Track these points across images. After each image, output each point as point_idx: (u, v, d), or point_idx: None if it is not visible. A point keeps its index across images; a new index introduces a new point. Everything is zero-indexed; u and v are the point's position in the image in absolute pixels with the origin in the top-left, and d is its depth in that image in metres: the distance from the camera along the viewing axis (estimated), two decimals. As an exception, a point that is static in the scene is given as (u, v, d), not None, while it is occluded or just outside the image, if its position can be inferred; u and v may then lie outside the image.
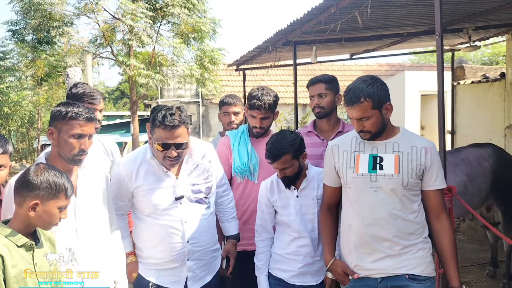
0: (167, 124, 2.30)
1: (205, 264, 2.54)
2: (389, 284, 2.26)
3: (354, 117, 2.23)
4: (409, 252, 2.24)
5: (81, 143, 2.16)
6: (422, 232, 2.29)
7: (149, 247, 2.50)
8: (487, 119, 6.97)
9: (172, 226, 2.44)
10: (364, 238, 2.26)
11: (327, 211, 2.50)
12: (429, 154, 2.24)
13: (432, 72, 12.17)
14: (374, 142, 2.30)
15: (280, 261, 2.63)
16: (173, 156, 2.36)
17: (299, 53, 6.41)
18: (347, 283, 2.36)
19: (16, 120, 11.62)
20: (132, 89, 11.05)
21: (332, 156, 2.40)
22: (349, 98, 2.22)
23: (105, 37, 10.49)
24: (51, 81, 11.66)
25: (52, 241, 2.02)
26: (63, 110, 2.16)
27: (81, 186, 2.25)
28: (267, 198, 2.66)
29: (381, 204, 2.22)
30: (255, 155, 3.01)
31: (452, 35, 5.98)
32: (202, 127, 15.16)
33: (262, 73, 14.50)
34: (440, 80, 2.90)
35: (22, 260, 1.81)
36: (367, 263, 2.28)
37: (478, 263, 5.26)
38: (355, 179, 2.28)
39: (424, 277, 2.25)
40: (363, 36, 5.82)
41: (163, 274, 2.48)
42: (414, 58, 22.58)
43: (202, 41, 11.16)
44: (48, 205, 1.86)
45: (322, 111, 3.01)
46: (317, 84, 3.03)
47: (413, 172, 2.22)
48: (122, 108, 28.00)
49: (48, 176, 1.86)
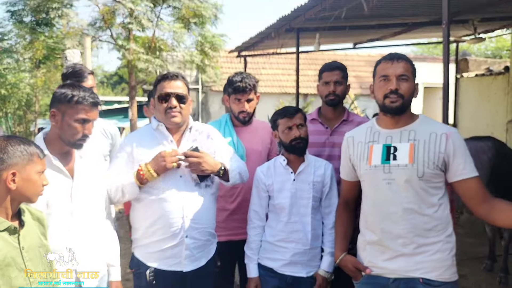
0: (168, 76, 2.47)
1: (201, 245, 2.48)
2: (401, 286, 2.12)
3: (395, 73, 2.07)
4: (426, 253, 2.07)
5: (85, 128, 2.13)
6: (444, 229, 2.10)
7: (146, 226, 2.44)
8: (490, 112, 6.93)
9: (170, 201, 2.39)
10: (377, 235, 2.15)
11: (344, 206, 2.42)
12: (451, 140, 2.05)
13: (435, 65, 12.10)
14: (389, 131, 2.16)
15: (270, 249, 2.59)
16: (174, 106, 2.41)
17: (302, 41, 6.34)
18: (359, 278, 2.25)
19: (13, 102, 11.52)
20: (131, 73, 10.94)
21: (348, 148, 2.31)
22: (393, 55, 2.13)
23: (104, 20, 10.35)
24: (49, 63, 11.53)
25: (41, 220, 1.93)
26: (69, 93, 2.11)
27: (78, 169, 2.21)
28: (263, 182, 2.63)
29: (394, 197, 2.08)
30: (242, 145, 2.95)
31: (457, 26, 5.90)
32: (201, 114, 15.09)
33: (263, 61, 14.42)
34: (446, 69, 2.84)
35: (7, 244, 1.71)
36: (380, 261, 2.16)
37: (475, 256, 5.24)
38: (368, 171, 2.17)
39: (439, 282, 2.06)
40: (368, 24, 5.74)
41: (163, 256, 2.42)
42: (418, 50, 22.52)
43: (203, 27, 11.02)
44: (27, 172, 1.76)
45: (336, 99, 2.93)
46: (335, 70, 2.93)
47: (430, 161, 2.05)
48: (120, 93, 27.90)
49: (14, 143, 1.76)
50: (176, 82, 2.46)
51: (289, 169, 2.59)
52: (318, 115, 3.03)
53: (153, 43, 10.77)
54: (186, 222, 2.41)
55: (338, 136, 2.85)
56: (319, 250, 2.59)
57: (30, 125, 12.72)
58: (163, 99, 2.44)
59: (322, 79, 2.96)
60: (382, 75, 2.12)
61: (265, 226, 2.65)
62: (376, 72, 2.18)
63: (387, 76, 2.10)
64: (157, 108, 2.49)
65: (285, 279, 2.56)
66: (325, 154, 2.86)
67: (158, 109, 2.48)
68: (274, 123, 2.64)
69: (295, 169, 2.59)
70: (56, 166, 2.13)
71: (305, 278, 2.55)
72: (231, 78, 2.96)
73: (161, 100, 2.45)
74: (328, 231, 2.57)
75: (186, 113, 2.50)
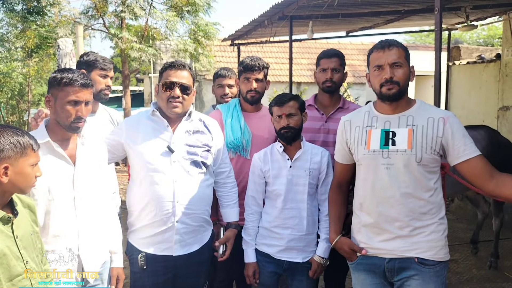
0: (175, 64, 2.47)
1: (193, 231, 2.50)
2: (396, 266, 2.16)
3: (388, 61, 2.09)
4: (421, 234, 2.12)
5: (77, 109, 2.11)
6: (438, 212, 2.15)
7: (139, 210, 2.46)
8: (481, 100, 6.99)
9: (161, 185, 2.40)
10: (374, 218, 2.18)
11: (337, 188, 2.44)
12: (448, 124, 2.08)
13: (427, 53, 12.14)
14: (387, 116, 2.18)
15: (266, 236, 2.63)
16: (177, 95, 2.42)
17: (295, 29, 6.34)
18: (354, 259, 2.29)
19: (6, 92, 11.44)
20: (124, 62, 10.88)
21: (344, 132, 2.32)
22: (384, 42, 2.13)
23: (97, 8, 10.26)
24: (42, 52, 11.45)
25: (32, 207, 1.93)
26: (58, 76, 2.11)
27: (80, 156, 2.21)
28: (260, 168, 2.65)
29: (393, 182, 2.11)
30: (248, 130, 2.97)
31: (449, 13, 5.93)
32: (195, 103, 15.05)
33: (256, 49, 14.37)
34: (438, 56, 2.87)
35: (1, 234, 1.72)
36: (376, 243, 2.20)
37: (466, 242, 5.32)
38: (366, 156, 2.18)
39: (434, 262, 2.12)
40: (360, 12, 5.75)
41: (155, 241, 2.44)
42: (410, 39, 22.54)
43: (196, 15, 10.96)
44: (19, 165, 1.75)
45: (333, 86, 2.94)
46: (333, 57, 2.94)
47: (428, 146, 2.08)
48: (114, 82, 27.68)
49: (8, 136, 1.74)
50: (182, 72, 2.46)
51: (286, 156, 2.61)
52: (314, 102, 3.05)
53: (146, 32, 10.71)
54: (177, 207, 2.42)
55: (333, 123, 2.88)
56: (315, 236, 2.62)
57: (24, 115, 12.64)
58: (167, 87, 2.44)
59: (320, 65, 2.97)
60: (375, 65, 2.15)
61: (262, 212, 2.68)
62: (370, 61, 2.21)
63: (380, 65, 2.13)
64: (159, 95, 2.49)
65: (282, 265, 2.60)
66: (320, 140, 2.89)
67: (160, 96, 2.48)
68: (270, 110, 2.67)
69: (291, 156, 2.61)
70: (58, 152, 2.14)
71: (301, 263, 2.59)
72: (242, 60, 3.02)
73: (165, 88, 2.45)
74: (324, 217, 2.60)
75: (188, 104, 2.51)
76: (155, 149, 2.43)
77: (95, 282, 2.23)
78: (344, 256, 2.37)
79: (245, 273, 2.65)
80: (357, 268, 2.30)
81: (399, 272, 2.17)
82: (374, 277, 2.24)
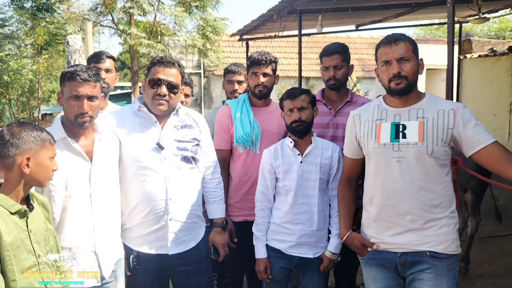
0: (164, 61, 2.38)
1: (187, 228, 2.46)
2: (408, 260, 2.15)
3: (395, 56, 2.08)
4: (433, 228, 2.11)
5: (79, 104, 2.09)
6: (449, 205, 2.13)
7: (130, 208, 2.39)
8: (493, 93, 6.89)
9: (153, 183, 2.36)
10: (384, 211, 2.16)
11: (346, 183, 2.42)
12: (458, 115, 2.06)
13: (438, 47, 12.02)
14: (397, 110, 2.17)
15: (277, 231, 2.61)
16: (163, 94, 2.36)
17: (304, 23, 6.30)
18: (365, 254, 2.28)
19: (16, 88, 11.53)
20: (133, 59, 10.92)
21: (354, 126, 2.30)
22: (390, 37, 2.13)
23: (105, 4, 10.30)
24: (51, 49, 11.52)
25: (46, 205, 1.96)
26: (64, 72, 2.13)
27: (97, 152, 2.20)
28: (270, 164, 2.63)
29: (404, 175, 2.10)
30: (257, 125, 2.95)
31: (461, 6, 5.85)
32: (203, 99, 15.06)
33: (265, 44, 14.33)
34: (451, 49, 2.83)
35: (16, 227, 1.76)
36: (387, 237, 2.18)
37: (477, 237, 5.26)
38: (377, 149, 2.17)
39: (446, 255, 2.11)
40: (370, 5, 5.69)
41: (148, 240, 2.40)
42: (420, 32, 22.32)
43: (205, 10, 10.96)
44: (39, 157, 1.81)
45: (337, 84, 2.92)
46: (334, 55, 2.91)
47: (438, 138, 2.07)
48: (122, 79, 27.82)
49: (28, 130, 1.82)
50: (171, 69, 2.38)
51: (296, 151, 2.59)
52: (322, 96, 3.03)
53: (154, 28, 10.73)
54: (170, 205, 2.38)
55: (342, 117, 2.86)
56: (326, 231, 2.61)
57: (34, 111, 12.74)
58: (154, 84, 2.36)
59: (322, 63, 2.96)
60: (383, 61, 2.14)
61: (272, 208, 2.67)
62: (377, 57, 2.20)
63: (388, 61, 2.12)
64: (145, 91, 2.41)
65: (293, 260, 2.58)
66: (329, 135, 2.87)
67: (146, 92, 2.40)
68: (280, 104, 2.65)
69: (302, 151, 2.59)
70: (75, 149, 2.14)
71: (312, 259, 2.57)
72: (250, 55, 3.01)
73: (152, 84, 2.36)
74: (335, 213, 2.57)
75: (175, 102, 2.43)
76: (144, 146, 2.37)
77: (110, 278, 2.23)
78: (355, 251, 2.35)
79: (257, 268, 2.64)
80: (368, 263, 2.29)
81: (411, 266, 2.15)
82: (385, 271, 2.23)
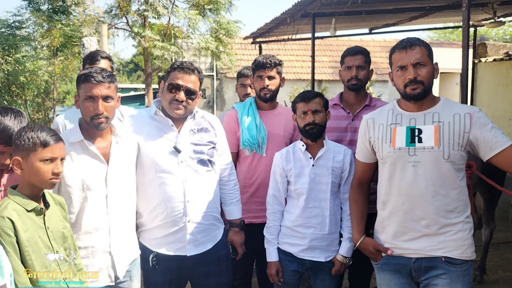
0: (184, 67, 2.40)
1: (205, 230, 2.48)
2: (423, 265, 2.13)
3: (411, 61, 2.07)
4: (448, 233, 2.09)
5: (94, 105, 2.11)
6: (464, 211, 2.12)
7: (149, 210, 2.43)
8: (508, 98, 6.80)
9: (171, 185, 2.39)
10: (399, 216, 2.15)
11: (358, 188, 2.41)
12: (475, 118, 2.05)
13: (451, 50, 11.91)
14: (412, 114, 2.15)
15: (289, 235, 2.61)
16: (181, 99, 2.37)
17: (317, 26, 6.30)
18: (379, 259, 2.27)
19: (32, 89, 11.70)
20: (147, 61, 11.02)
21: (367, 130, 2.29)
22: (406, 42, 2.11)
23: (120, 7, 10.42)
24: (67, 51, 11.68)
25: (63, 204, 2.01)
26: (80, 74, 2.17)
27: (114, 154, 2.23)
28: (282, 167, 2.64)
29: (420, 179, 2.08)
30: (264, 128, 2.98)
31: (476, 10, 5.80)
32: (216, 101, 15.12)
33: (278, 47, 14.34)
34: (465, 53, 2.82)
35: (33, 224, 1.81)
36: (401, 242, 2.17)
37: (491, 243, 5.20)
38: (392, 154, 2.15)
39: (461, 261, 2.10)
40: (384, 9, 5.67)
41: (166, 241, 2.43)
42: (434, 35, 22.14)
43: (218, 13, 11.02)
44: (29, 160, 1.83)
45: (358, 84, 2.91)
46: (358, 55, 2.91)
47: (455, 143, 2.05)
48: (136, 81, 28.06)
49: (26, 131, 1.85)
50: (190, 76, 2.40)
51: (308, 154, 2.59)
52: (340, 100, 3.02)
53: (168, 30, 10.81)
54: (188, 207, 2.40)
55: (360, 121, 2.86)
56: (337, 235, 2.60)
57: (49, 112, 12.90)
58: (173, 88, 2.39)
59: (345, 63, 2.95)
60: (398, 66, 2.12)
61: (284, 211, 2.67)
62: (392, 61, 2.18)
63: (403, 66, 2.10)
64: (163, 95, 2.44)
65: (304, 264, 2.59)
66: (347, 139, 2.87)
67: (164, 96, 2.43)
68: (293, 106, 2.66)
69: (314, 154, 2.59)
70: (91, 151, 2.17)
71: (323, 262, 2.57)
72: (255, 59, 3.03)
73: (170, 89, 2.39)
74: (346, 216, 2.57)
75: (192, 107, 2.46)
76: (162, 150, 2.40)
77: (124, 278, 2.26)
78: (369, 256, 2.34)
79: (268, 272, 2.64)
80: (382, 268, 2.28)
81: (426, 271, 2.14)
82: (400, 277, 2.22)
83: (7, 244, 1.71)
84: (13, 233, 1.73)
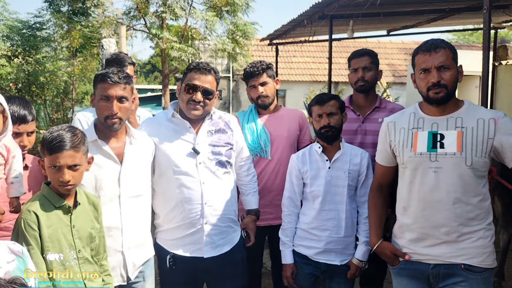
0: (201, 67, 2.42)
1: (222, 232, 2.49)
2: (442, 272, 2.10)
3: (435, 64, 2.02)
4: (468, 240, 2.05)
5: (108, 106, 2.13)
6: (485, 218, 2.07)
7: (167, 212, 2.46)
8: (529, 101, 6.69)
9: (189, 187, 2.40)
10: (419, 222, 2.11)
11: (378, 191, 2.39)
12: (499, 124, 1.99)
13: (471, 52, 11.73)
14: (434, 118, 2.11)
15: (304, 237, 2.60)
16: (198, 100, 2.39)
17: (334, 28, 6.28)
18: (396, 264, 2.24)
19: (51, 89, 11.86)
20: (164, 62, 11.10)
21: (388, 134, 2.25)
22: (430, 44, 2.06)
23: (138, 9, 10.52)
24: (86, 52, 11.83)
25: (96, 205, 2.05)
26: (96, 75, 2.20)
27: (128, 154, 2.25)
28: (298, 169, 2.63)
29: (441, 186, 2.04)
30: (265, 131, 2.99)
31: (497, 11, 5.70)
32: (232, 103, 15.17)
33: (294, 49, 14.33)
34: (486, 56, 2.77)
35: (59, 221, 1.86)
36: (420, 248, 2.14)
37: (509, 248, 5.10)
38: (413, 159, 2.11)
39: (481, 268, 2.05)
40: (403, 11, 5.62)
41: (183, 243, 2.44)
42: (453, 38, 21.85)
43: (235, 15, 11.05)
44: (45, 162, 1.91)
45: (365, 85, 2.90)
46: (363, 56, 2.91)
47: (478, 149, 2.00)
48: (153, 82, 28.31)
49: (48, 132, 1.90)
50: (206, 76, 2.41)
51: (325, 156, 2.58)
52: (349, 103, 3.01)
53: (185, 32, 10.88)
54: (206, 209, 2.41)
55: (370, 124, 2.85)
56: (353, 238, 2.58)
57: (68, 112, 13.09)
58: (190, 89, 2.40)
59: (351, 66, 2.96)
60: (421, 68, 2.08)
61: (299, 213, 2.66)
62: (415, 63, 2.14)
63: (427, 68, 2.06)
64: (181, 96, 2.45)
65: (320, 267, 2.57)
66: (357, 142, 2.85)
67: (181, 97, 2.44)
68: (309, 109, 2.65)
69: (330, 157, 2.57)
70: (105, 151, 2.19)
71: (339, 266, 2.55)
72: (244, 69, 3.10)
73: (187, 89, 2.41)
74: (363, 220, 2.55)
75: (209, 108, 2.48)
76: (180, 152, 2.42)
77: (137, 279, 2.28)
78: (386, 260, 2.32)
79: (283, 274, 2.64)
80: (399, 273, 2.25)
81: (444, 278, 2.11)
82: (417, 282, 2.19)
83: (30, 237, 1.78)
84: (37, 227, 1.79)
